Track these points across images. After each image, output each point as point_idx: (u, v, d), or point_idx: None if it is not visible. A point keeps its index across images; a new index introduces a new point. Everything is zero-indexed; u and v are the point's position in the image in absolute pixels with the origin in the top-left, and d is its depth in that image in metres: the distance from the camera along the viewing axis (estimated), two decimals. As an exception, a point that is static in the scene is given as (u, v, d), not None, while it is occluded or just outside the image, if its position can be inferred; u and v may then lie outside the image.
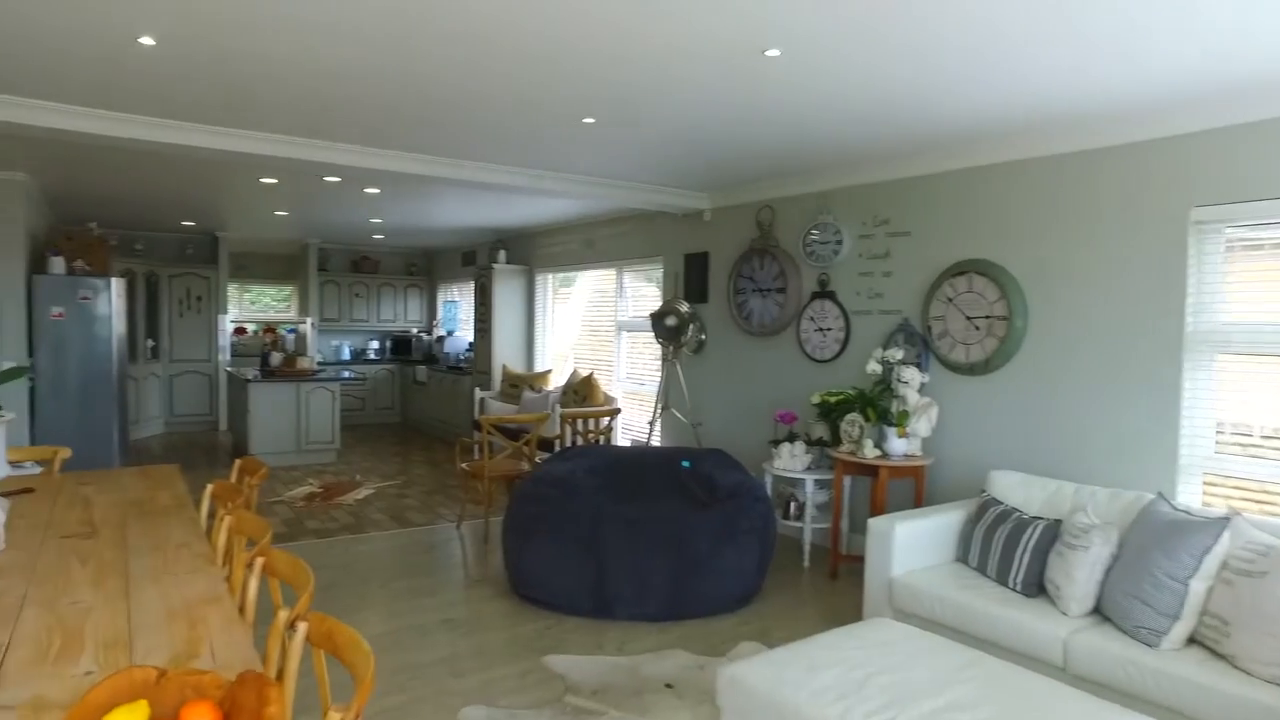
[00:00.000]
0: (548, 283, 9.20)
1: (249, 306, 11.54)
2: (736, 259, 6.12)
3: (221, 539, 2.58)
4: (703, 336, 6.54)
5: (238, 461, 3.55)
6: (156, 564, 2.35)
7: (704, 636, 3.87)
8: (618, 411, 6.85)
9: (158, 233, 10.03)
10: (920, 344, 4.77)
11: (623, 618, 4.04)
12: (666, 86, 3.50)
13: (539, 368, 9.21)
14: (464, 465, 5.77)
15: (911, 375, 4.53)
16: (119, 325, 7.22)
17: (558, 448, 6.61)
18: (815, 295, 5.51)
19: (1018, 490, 3.86)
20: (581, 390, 7.76)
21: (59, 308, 6.69)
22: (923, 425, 4.49)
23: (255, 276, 11.40)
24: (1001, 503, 3.76)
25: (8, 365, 3.42)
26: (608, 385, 7.87)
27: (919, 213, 4.85)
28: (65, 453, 3.85)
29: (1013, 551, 3.44)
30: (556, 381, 8.61)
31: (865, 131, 4.21)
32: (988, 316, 4.39)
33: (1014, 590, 3.40)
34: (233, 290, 11.01)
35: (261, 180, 6.33)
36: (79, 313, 6.80)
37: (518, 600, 4.31)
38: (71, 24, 2.87)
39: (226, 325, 10.52)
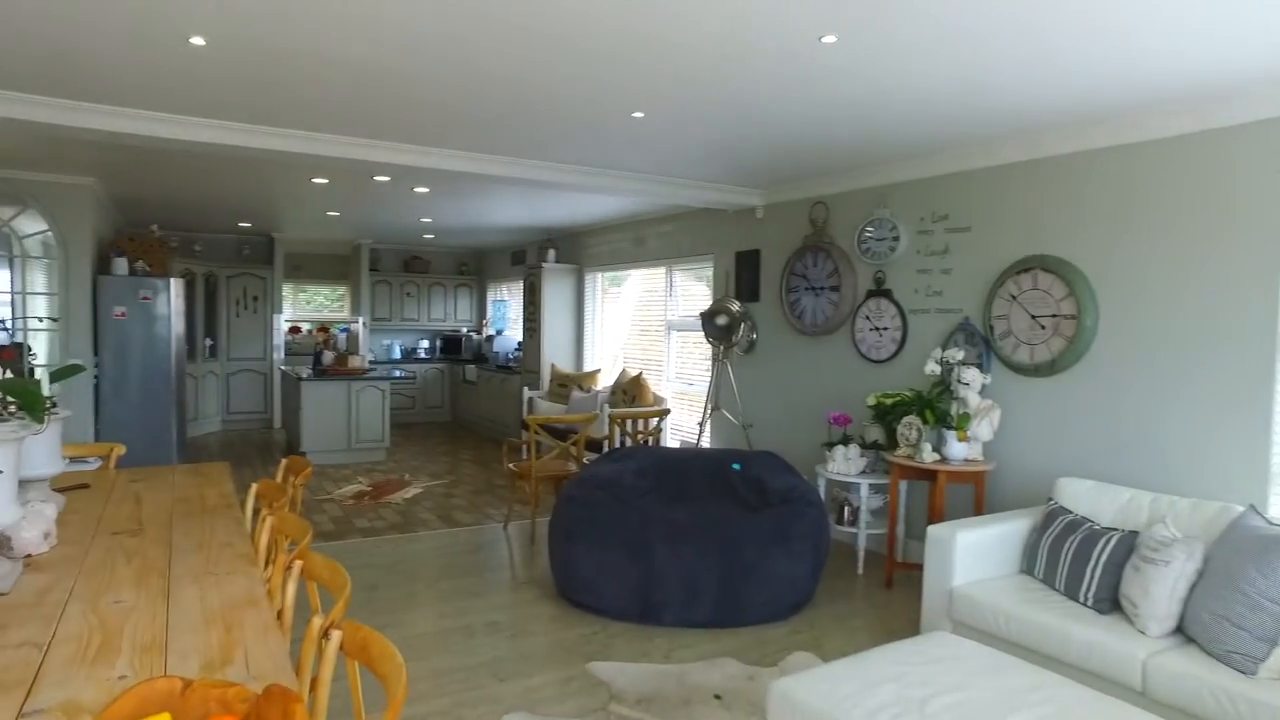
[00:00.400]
0: (597, 282, 9.15)
1: (303, 306, 11.76)
2: (789, 256, 5.97)
3: (263, 539, 2.55)
4: (754, 336, 6.40)
5: (284, 461, 3.55)
6: (198, 564, 2.34)
7: (754, 645, 3.74)
8: (667, 412, 6.75)
9: (216, 234, 10.28)
10: (981, 344, 4.57)
11: (670, 624, 3.94)
12: (718, 78, 3.39)
13: (588, 367, 9.16)
14: (511, 465, 5.73)
15: (972, 376, 4.34)
16: (178, 324, 7.39)
17: (606, 448, 6.55)
18: (871, 293, 5.33)
19: (1087, 499, 3.65)
20: (630, 390, 7.69)
21: (121, 307, 6.88)
22: (984, 429, 4.29)
23: (309, 276, 11.62)
24: (1070, 512, 3.56)
25: (69, 363, 3.47)
26: (657, 385, 7.77)
27: (980, 207, 4.64)
28: (120, 449, 3.91)
29: (1084, 564, 3.24)
30: (605, 381, 8.55)
31: (924, 122, 4.04)
32: (1054, 315, 4.17)
33: (1085, 606, 3.20)
34: (287, 290, 11.23)
35: (313, 180, 6.40)
36: (140, 312, 6.99)
37: (564, 604, 4.24)
38: (124, 25, 2.89)
39: (281, 324, 10.73)
